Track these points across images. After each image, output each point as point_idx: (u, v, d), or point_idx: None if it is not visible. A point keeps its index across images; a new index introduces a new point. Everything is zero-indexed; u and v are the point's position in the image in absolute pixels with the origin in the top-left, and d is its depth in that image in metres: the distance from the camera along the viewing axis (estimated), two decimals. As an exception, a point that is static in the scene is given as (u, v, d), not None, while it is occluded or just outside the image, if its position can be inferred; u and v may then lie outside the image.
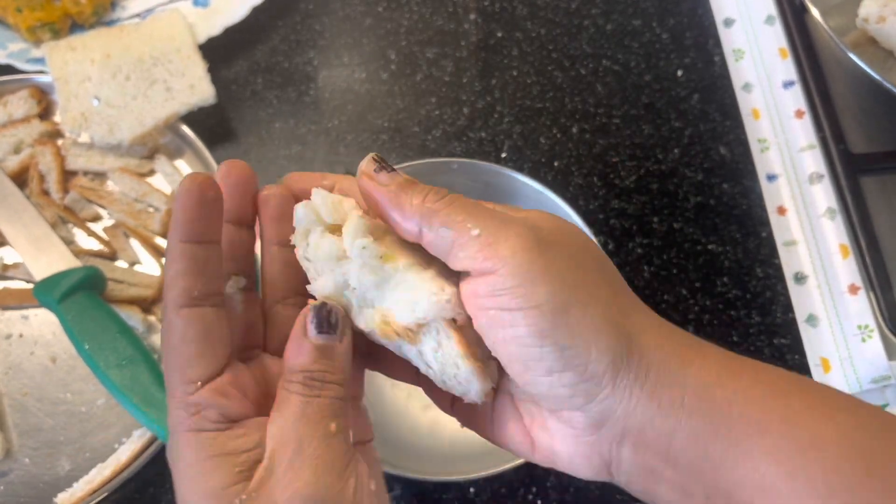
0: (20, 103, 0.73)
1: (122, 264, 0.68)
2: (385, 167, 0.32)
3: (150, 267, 0.68)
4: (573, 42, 0.83)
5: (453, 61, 0.82)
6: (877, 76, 0.66)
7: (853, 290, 0.67)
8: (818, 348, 0.66)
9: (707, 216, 0.73)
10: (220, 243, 0.32)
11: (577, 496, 0.60)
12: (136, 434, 0.60)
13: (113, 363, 0.57)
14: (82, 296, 0.60)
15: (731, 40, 0.83)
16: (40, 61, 0.76)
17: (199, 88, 0.73)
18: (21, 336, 0.66)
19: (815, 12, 0.71)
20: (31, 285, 0.65)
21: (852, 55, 0.67)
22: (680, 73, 0.81)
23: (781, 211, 0.73)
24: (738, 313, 0.68)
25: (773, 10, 0.83)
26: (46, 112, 0.75)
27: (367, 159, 0.33)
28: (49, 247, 0.66)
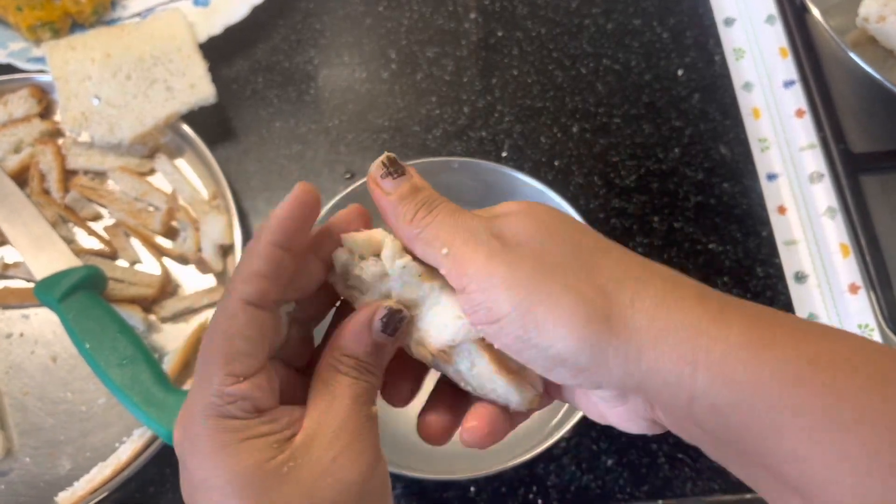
0: (20, 102, 0.73)
1: (122, 263, 0.68)
2: (392, 172, 0.33)
3: (150, 266, 0.68)
4: (574, 41, 0.83)
5: (454, 60, 0.82)
6: (877, 75, 0.66)
7: (853, 289, 0.67)
8: (818, 347, 0.66)
9: (707, 215, 0.73)
10: (302, 256, 0.33)
11: (577, 496, 0.60)
12: (136, 433, 0.60)
13: (113, 362, 0.57)
14: (83, 295, 0.60)
15: (732, 40, 0.83)
16: (40, 60, 0.76)
17: (199, 88, 0.73)
18: (22, 335, 0.66)
19: (815, 12, 0.71)
20: (31, 284, 0.65)
21: (853, 54, 0.67)
22: (680, 72, 0.81)
23: (782, 210, 0.73)
24: (739, 312, 0.68)
25: (773, 9, 0.84)
26: (47, 111, 0.75)
27: (377, 161, 0.33)
28: (49, 246, 0.66)
